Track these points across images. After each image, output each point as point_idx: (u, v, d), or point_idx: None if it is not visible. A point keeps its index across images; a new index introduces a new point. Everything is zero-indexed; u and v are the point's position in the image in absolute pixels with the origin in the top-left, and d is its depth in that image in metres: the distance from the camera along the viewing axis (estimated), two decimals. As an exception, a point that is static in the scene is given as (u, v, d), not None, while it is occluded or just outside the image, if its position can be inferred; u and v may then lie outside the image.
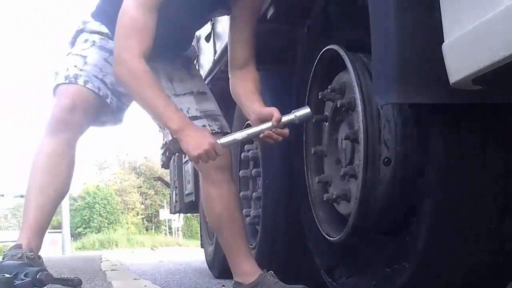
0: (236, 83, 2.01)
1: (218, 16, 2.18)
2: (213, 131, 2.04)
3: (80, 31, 2.17)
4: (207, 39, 2.98)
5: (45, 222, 2.00)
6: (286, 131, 1.83)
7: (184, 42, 2.22)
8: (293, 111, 1.81)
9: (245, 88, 1.97)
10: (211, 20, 2.89)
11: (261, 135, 1.83)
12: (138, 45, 1.80)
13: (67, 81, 2.02)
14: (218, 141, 1.78)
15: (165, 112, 1.79)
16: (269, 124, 1.81)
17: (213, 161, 1.80)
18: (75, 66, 2.05)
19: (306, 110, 1.79)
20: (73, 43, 2.19)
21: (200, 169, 2.12)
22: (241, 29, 2.00)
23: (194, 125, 1.83)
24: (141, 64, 1.79)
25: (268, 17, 2.20)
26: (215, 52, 2.98)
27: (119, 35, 1.84)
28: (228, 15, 2.03)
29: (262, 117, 1.84)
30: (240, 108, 2.02)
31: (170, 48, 2.12)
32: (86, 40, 2.13)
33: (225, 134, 2.09)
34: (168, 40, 2.03)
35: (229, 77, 2.05)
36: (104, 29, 2.11)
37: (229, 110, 2.71)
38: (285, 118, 1.80)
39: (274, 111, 1.82)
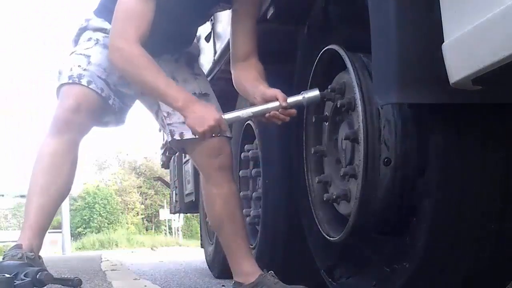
0: (240, 75, 2.01)
1: (220, 11, 2.18)
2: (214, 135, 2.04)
3: (83, 29, 2.17)
4: (207, 39, 2.98)
5: (46, 222, 2.00)
6: (294, 111, 1.82)
7: (186, 38, 2.21)
8: (301, 92, 1.81)
9: (248, 76, 1.97)
10: (211, 20, 2.88)
11: (267, 115, 1.82)
12: (134, 31, 1.82)
13: (70, 81, 2.00)
14: (222, 116, 1.78)
15: (167, 92, 1.80)
16: (275, 104, 1.80)
17: (217, 134, 1.83)
18: (79, 66, 2.04)
19: (315, 93, 1.79)
20: (76, 42, 2.18)
21: (201, 169, 2.13)
22: (243, 21, 2.01)
23: (198, 101, 1.84)
24: (137, 48, 1.81)
25: (268, 17, 2.20)
26: (215, 52, 2.98)
27: (115, 23, 1.87)
28: (229, 9, 2.03)
29: (267, 98, 1.85)
30: (246, 97, 2.02)
31: (172, 44, 2.12)
32: (89, 39, 2.12)
33: (226, 137, 2.10)
34: (169, 35, 2.03)
35: (232, 71, 2.06)
36: (107, 26, 2.10)
37: (229, 110, 2.71)
38: (293, 99, 1.80)
39: (278, 92, 1.82)
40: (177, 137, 2.08)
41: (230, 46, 2.07)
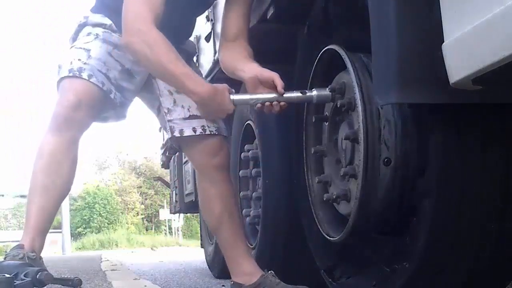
0: (227, 53, 2.01)
1: None
2: (211, 132, 2.04)
3: (82, 25, 2.14)
4: (207, 39, 2.98)
5: (47, 222, 2.00)
6: (285, 103, 1.83)
7: (184, 30, 2.20)
8: (313, 89, 1.81)
9: (238, 55, 1.97)
10: (212, 20, 2.89)
11: (267, 103, 1.82)
12: (150, 12, 1.79)
13: (71, 74, 1.98)
14: (231, 96, 1.82)
15: (185, 83, 1.81)
16: (294, 94, 1.82)
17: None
18: (79, 59, 2.01)
19: (326, 92, 1.79)
20: (74, 39, 2.15)
21: (198, 168, 2.12)
22: (237, 3, 2.02)
23: (214, 93, 1.81)
24: (155, 31, 1.79)
25: (268, 17, 2.20)
26: (215, 52, 2.98)
27: (129, 4, 1.83)
28: None
29: (262, 79, 1.84)
30: (231, 74, 2.01)
31: (172, 38, 2.12)
32: (89, 33, 2.09)
33: (224, 136, 2.10)
34: (168, 28, 2.03)
35: (219, 52, 2.06)
36: (107, 21, 2.08)
37: (229, 110, 2.70)
38: (306, 93, 1.81)
39: (276, 77, 1.82)
40: (177, 134, 2.07)
41: (221, 25, 2.08)
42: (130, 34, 1.81)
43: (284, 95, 1.82)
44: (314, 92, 1.80)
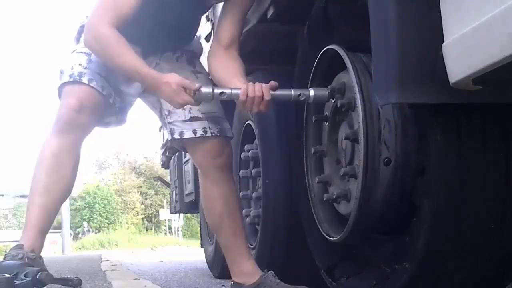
0: (220, 65, 1.99)
1: (216, 3, 2.16)
2: (213, 134, 2.04)
3: (84, 26, 2.16)
4: (207, 39, 2.98)
5: (47, 222, 2.00)
6: (265, 105, 1.77)
7: (186, 32, 2.20)
8: (310, 88, 1.81)
9: (231, 68, 1.95)
10: (211, 20, 2.89)
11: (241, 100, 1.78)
12: (109, 14, 1.85)
13: (71, 79, 1.99)
14: (202, 89, 1.78)
15: (137, 77, 1.88)
16: (289, 92, 1.79)
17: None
18: (80, 64, 2.02)
19: (323, 92, 1.78)
20: (77, 39, 2.15)
21: (201, 169, 2.13)
22: (233, 9, 2.02)
23: (163, 85, 1.81)
24: (108, 30, 1.84)
25: (268, 17, 2.20)
26: (215, 52, 2.97)
27: (93, 8, 1.91)
28: (225, 1, 2.03)
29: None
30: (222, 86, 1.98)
31: (172, 40, 2.11)
32: None
33: (226, 137, 2.09)
34: (167, 29, 2.03)
35: (211, 55, 2.04)
36: None
37: (229, 110, 2.71)
38: (302, 92, 1.80)
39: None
40: (176, 136, 2.07)
41: (214, 31, 2.07)
42: (85, 32, 1.93)
43: (280, 93, 1.81)
44: (311, 91, 1.79)
